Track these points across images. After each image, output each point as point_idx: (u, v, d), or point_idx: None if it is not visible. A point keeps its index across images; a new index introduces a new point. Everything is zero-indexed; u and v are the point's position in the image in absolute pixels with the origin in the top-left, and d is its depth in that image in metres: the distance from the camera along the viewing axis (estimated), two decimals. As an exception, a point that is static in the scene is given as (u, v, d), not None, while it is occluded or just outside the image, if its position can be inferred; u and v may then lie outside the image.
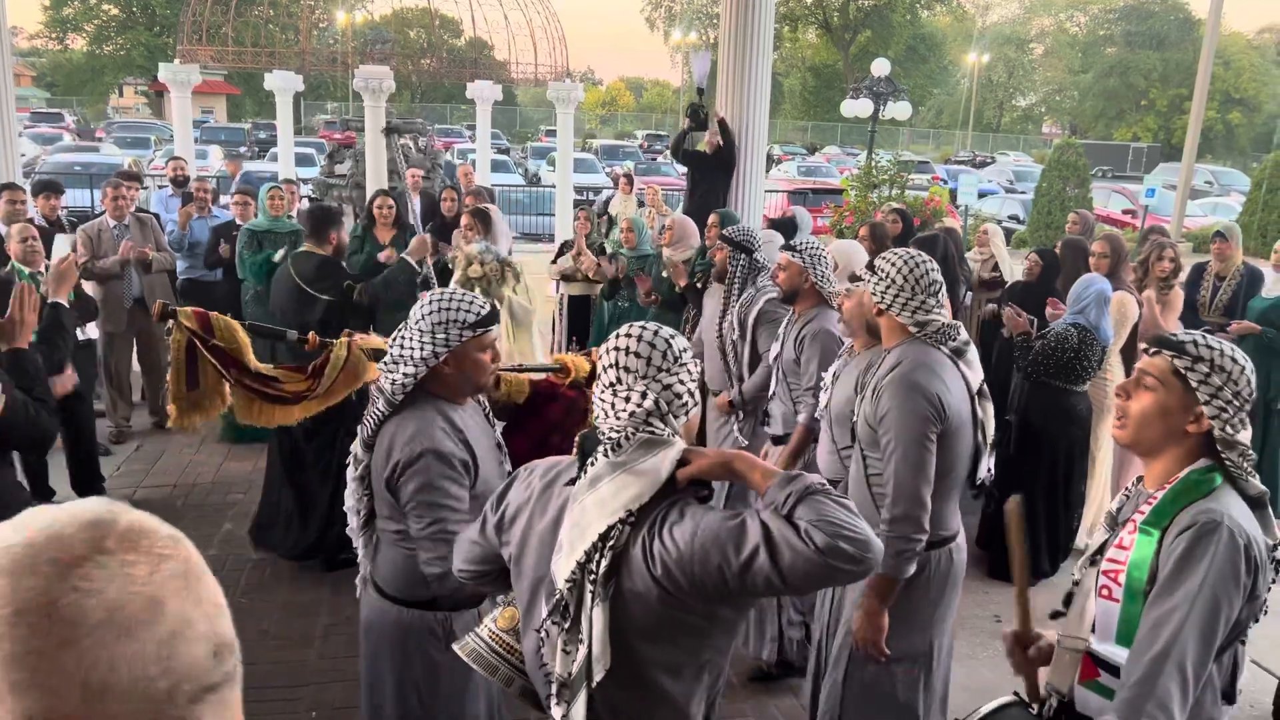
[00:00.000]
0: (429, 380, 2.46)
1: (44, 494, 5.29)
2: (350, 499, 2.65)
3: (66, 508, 0.82)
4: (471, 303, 2.48)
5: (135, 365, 7.04)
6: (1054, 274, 6.09)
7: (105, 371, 6.70)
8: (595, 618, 1.71)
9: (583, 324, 7.15)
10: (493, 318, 2.52)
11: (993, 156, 41.91)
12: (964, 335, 2.98)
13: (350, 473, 2.64)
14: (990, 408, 3.02)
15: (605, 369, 1.83)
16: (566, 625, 1.75)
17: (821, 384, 3.63)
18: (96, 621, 0.76)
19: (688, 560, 1.66)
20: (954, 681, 3.22)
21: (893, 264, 2.94)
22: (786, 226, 6.54)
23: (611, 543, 1.71)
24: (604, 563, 1.70)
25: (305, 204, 12.82)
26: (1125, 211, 20.84)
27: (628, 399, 1.79)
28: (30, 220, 6.09)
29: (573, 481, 1.83)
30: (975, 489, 3.14)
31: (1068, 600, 2.20)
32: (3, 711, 0.75)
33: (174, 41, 16.20)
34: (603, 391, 1.84)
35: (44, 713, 0.74)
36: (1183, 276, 6.64)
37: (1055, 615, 2.21)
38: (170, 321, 3.77)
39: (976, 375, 2.97)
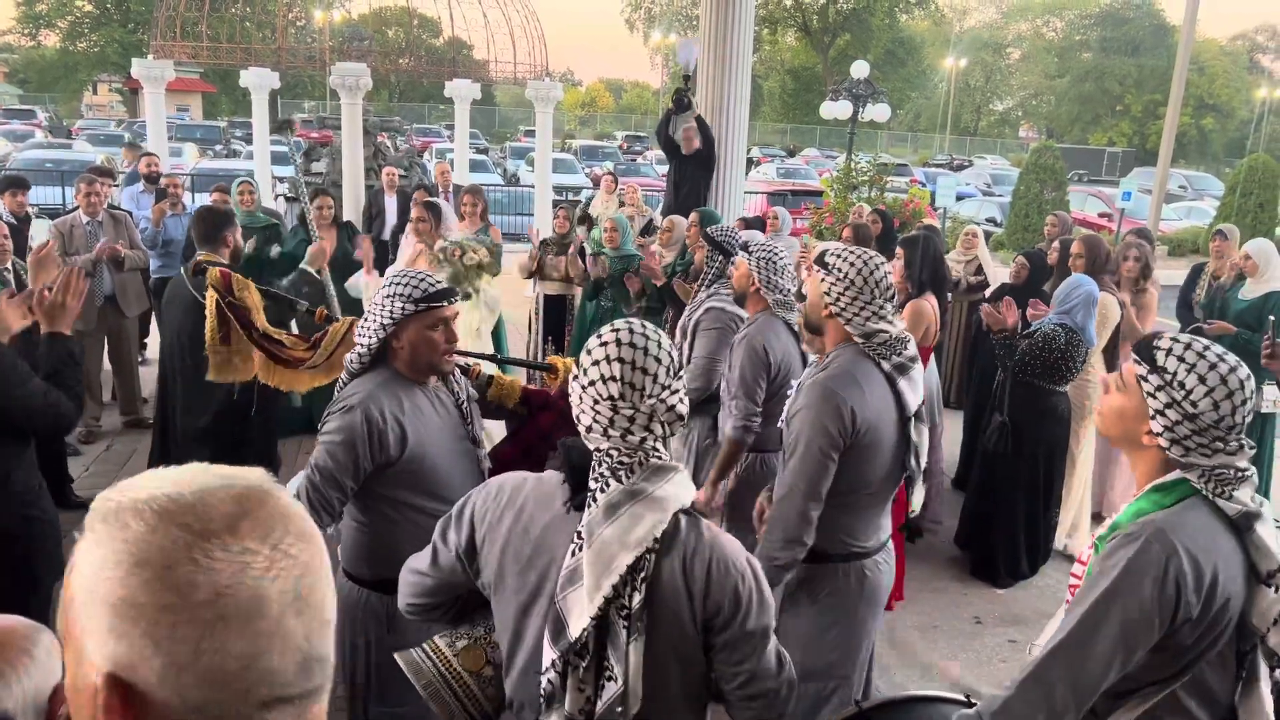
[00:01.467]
0: (389, 355, 2.54)
1: (62, 495, 5.23)
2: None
3: (227, 474, 0.83)
4: (422, 280, 2.53)
5: (106, 364, 6.92)
6: (1041, 277, 6.11)
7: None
8: (630, 654, 1.65)
9: (558, 324, 7.09)
10: (441, 295, 2.53)
11: (970, 160, 42.18)
12: (911, 350, 2.77)
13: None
14: (926, 433, 2.83)
15: (605, 380, 1.70)
16: (585, 662, 1.67)
17: (786, 393, 3.53)
18: (200, 600, 0.77)
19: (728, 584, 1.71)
20: (932, 685, 3.19)
21: (849, 262, 2.70)
22: (757, 227, 6.53)
23: (643, 574, 1.65)
24: (637, 597, 1.65)
25: (282, 202, 12.69)
26: (1101, 215, 21.01)
27: (632, 419, 1.69)
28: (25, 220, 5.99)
29: (569, 500, 1.75)
30: (904, 524, 3.00)
31: None
32: (92, 646, 0.78)
33: (148, 38, 16.02)
34: (598, 403, 1.71)
35: (124, 668, 0.77)
36: (1159, 278, 6.68)
37: None
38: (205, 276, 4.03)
39: (915, 397, 2.77)
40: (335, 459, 2.42)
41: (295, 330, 4.42)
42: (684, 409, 1.75)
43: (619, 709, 1.66)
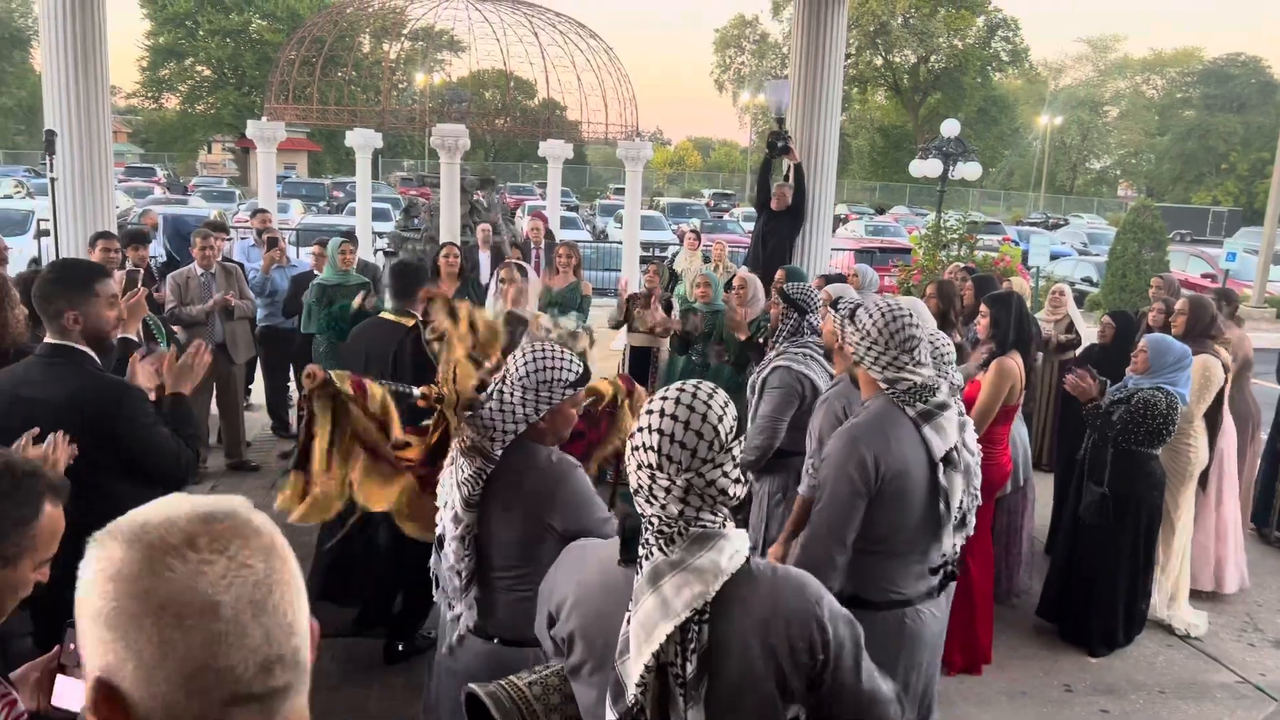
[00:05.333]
0: (533, 435, 2.63)
1: None
2: (448, 561, 2.68)
3: (204, 501, 0.95)
4: (571, 362, 2.63)
5: (213, 409, 7.24)
6: (1128, 336, 6.00)
7: (185, 414, 6.87)
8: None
9: (642, 375, 7.21)
10: (587, 377, 2.68)
11: (1066, 219, 41.34)
12: (940, 397, 2.85)
13: (450, 532, 2.66)
14: (958, 479, 2.84)
15: (645, 448, 1.71)
16: None
17: None
18: (158, 605, 0.87)
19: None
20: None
21: (871, 317, 2.89)
22: (834, 281, 6.50)
23: (693, 645, 1.65)
24: (690, 667, 1.65)
25: (381, 258, 13.18)
26: (1204, 275, 20.35)
27: (668, 490, 1.68)
28: (137, 270, 6.37)
29: (623, 561, 1.78)
30: (934, 570, 2.91)
31: None
32: (88, 655, 0.91)
33: (261, 101, 16.95)
34: (640, 468, 1.72)
35: (110, 672, 0.88)
36: (1249, 341, 6.49)
37: None
38: (315, 393, 3.26)
39: (944, 442, 2.82)
40: (601, 510, 2.61)
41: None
42: (727, 485, 1.71)
43: None
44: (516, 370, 2.57)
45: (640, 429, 1.74)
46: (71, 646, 1.65)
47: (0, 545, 1.77)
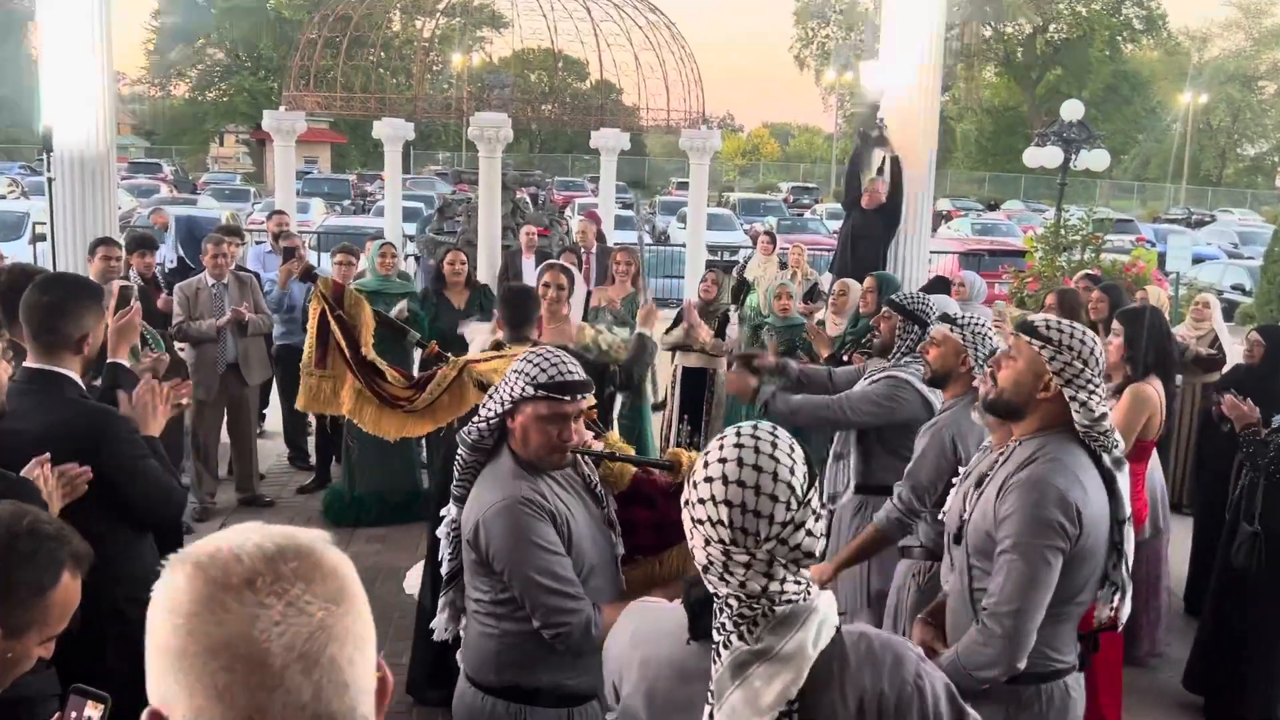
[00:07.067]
0: (510, 439, 2.67)
1: None
2: (441, 555, 2.88)
3: (275, 533, 1.02)
4: (556, 364, 2.58)
5: (224, 437, 7.39)
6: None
7: (192, 443, 6.98)
8: None
9: (696, 399, 7.19)
10: (566, 388, 2.57)
11: (1212, 214, 40.41)
12: (1122, 446, 2.78)
13: (441, 529, 2.84)
14: (1133, 537, 2.80)
15: (713, 523, 1.65)
16: None
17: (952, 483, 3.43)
18: (209, 646, 0.95)
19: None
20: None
21: (1073, 335, 2.70)
22: (936, 290, 6.36)
23: None
24: None
25: (411, 262, 13.37)
26: (1383, 282, 19.72)
27: (748, 566, 1.65)
28: (126, 279, 6.53)
29: (689, 636, 1.80)
30: (1085, 636, 2.88)
31: None
32: (149, 684, 0.97)
33: (279, 87, 17.37)
34: (709, 543, 1.67)
35: (166, 706, 0.96)
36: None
37: None
38: (310, 286, 4.23)
39: (1127, 498, 2.79)
40: (546, 554, 2.54)
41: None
42: (813, 545, 1.69)
43: None
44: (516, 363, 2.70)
45: (701, 500, 1.68)
46: (73, 715, 1.72)
47: (10, 611, 1.82)
